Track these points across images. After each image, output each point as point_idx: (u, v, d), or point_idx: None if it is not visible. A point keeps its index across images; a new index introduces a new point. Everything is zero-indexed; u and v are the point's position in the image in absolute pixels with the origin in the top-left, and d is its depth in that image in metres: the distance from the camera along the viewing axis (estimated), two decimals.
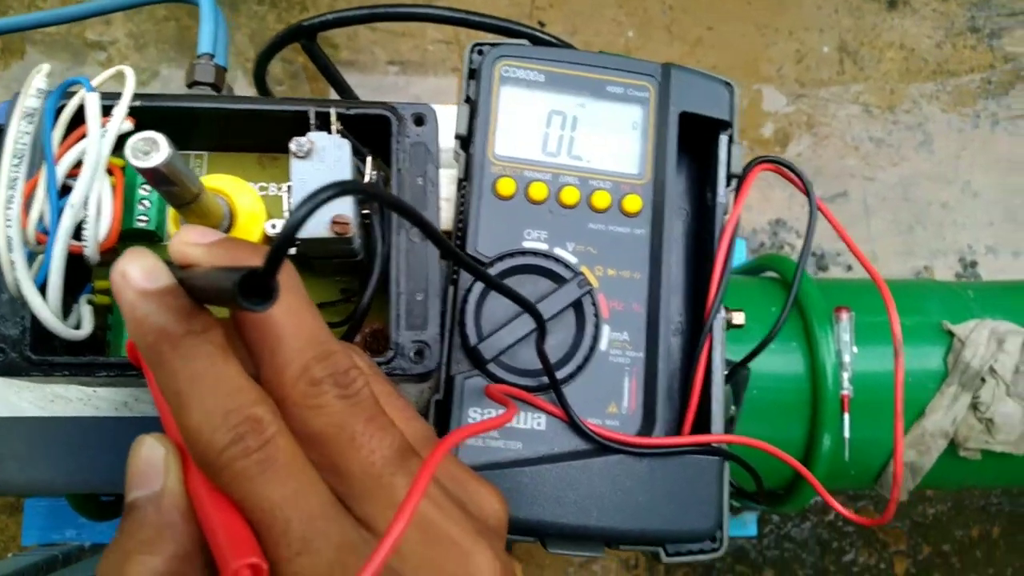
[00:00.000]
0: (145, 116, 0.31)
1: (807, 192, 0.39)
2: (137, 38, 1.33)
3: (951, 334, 0.74)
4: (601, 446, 0.33)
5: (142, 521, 0.21)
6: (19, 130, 0.26)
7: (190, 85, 0.48)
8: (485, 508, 0.25)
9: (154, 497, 0.22)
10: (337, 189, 0.17)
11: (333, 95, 0.75)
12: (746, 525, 0.88)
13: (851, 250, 0.40)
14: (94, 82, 0.28)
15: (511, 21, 0.55)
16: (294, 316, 0.22)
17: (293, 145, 0.29)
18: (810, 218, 0.39)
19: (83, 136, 0.29)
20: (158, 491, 0.22)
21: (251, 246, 0.23)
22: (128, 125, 0.29)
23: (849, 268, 1.30)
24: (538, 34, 0.54)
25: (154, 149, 0.23)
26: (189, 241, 0.22)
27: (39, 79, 0.27)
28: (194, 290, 0.21)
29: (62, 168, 0.28)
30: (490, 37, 0.42)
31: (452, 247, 0.24)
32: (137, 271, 0.21)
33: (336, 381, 0.22)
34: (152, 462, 0.22)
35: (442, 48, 1.33)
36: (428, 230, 0.23)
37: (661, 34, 1.36)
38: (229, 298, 0.17)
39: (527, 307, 0.29)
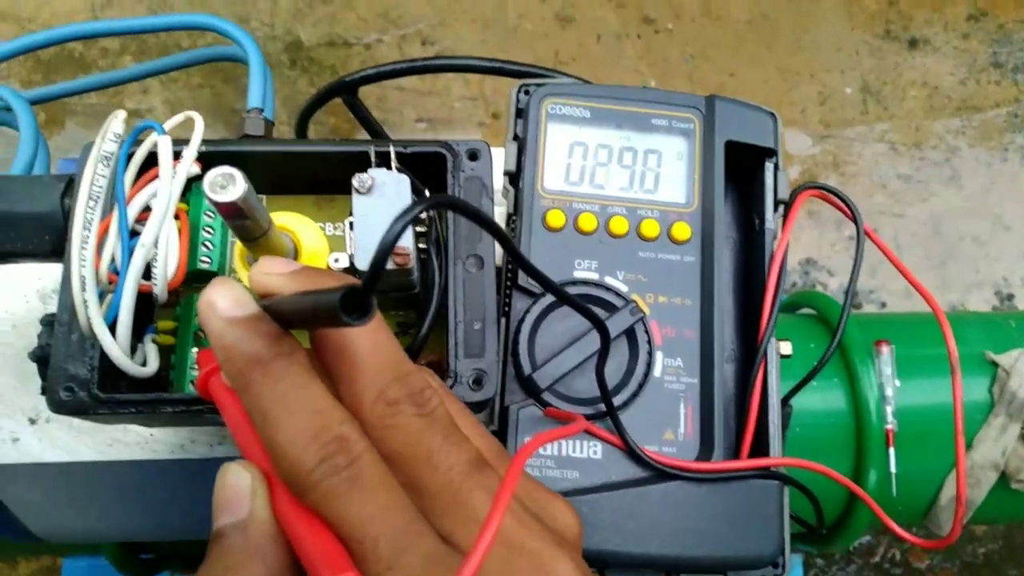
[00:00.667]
0: (209, 160, 0.32)
1: (854, 218, 0.39)
2: (173, 105, 1.37)
3: (995, 364, 0.73)
4: (660, 472, 0.33)
5: (230, 548, 0.22)
6: (96, 173, 0.27)
7: (241, 139, 0.49)
8: (560, 520, 0.25)
9: (240, 524, 0.22)
10: (431, 202, 0.18)
11: None
12: (792, 569, 0.86)
13: (900, 271, 0.40)
14: (165, 126, 0.29)
15: (546, 68, 0.56)
16: (371, 338, 0.23)
17: (355, 181, 0.29)
18: (858, 242, 0.39)
19: (151, 180, 0.30)
20: (244, 518, 0.22)
21: (327, 273, 0.24)
22: (195, 169, 0.30)
23: (883, 305, 1.29)
24: (572, 80, 0.55)
25: (231, 184, 0.24)
26: (270, 271, 0.23)
27: (116, 124, 0.28)
28: (278, 316, 0.22)
29: (132, 211, 0.29)
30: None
31: (532, 265, 0.25)
32: (225, 300, 0.22)
33: (412, 401, 0.22)
34: (238, 489, 0.22)
35: (468, 104, 1.36)
36: (512, 251, 0.23)
37: (682, 82, 1.38)
38: (328, 316, 0.18)
39: (595, 322, 0.29)
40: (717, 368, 0.34)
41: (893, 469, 0.66)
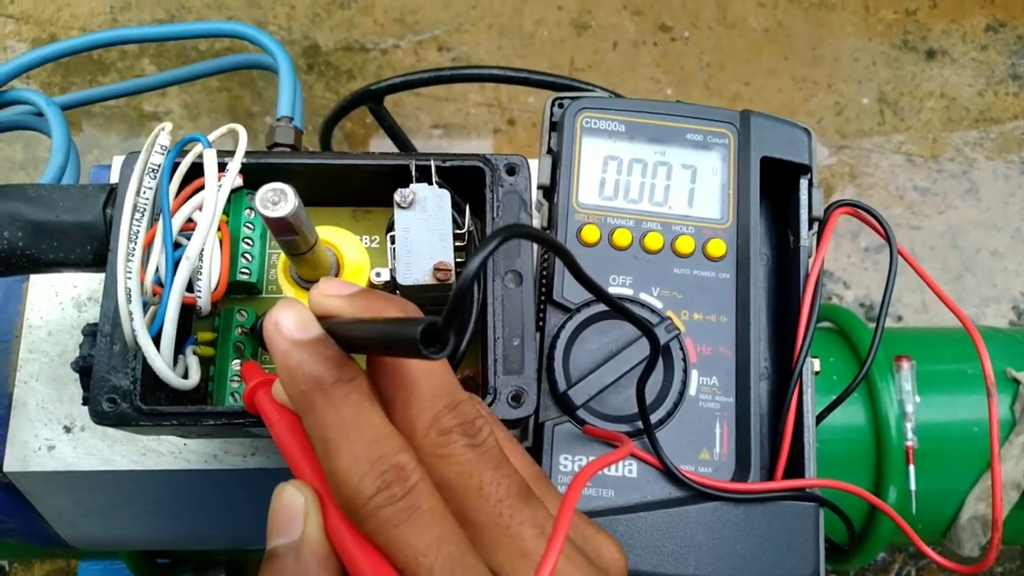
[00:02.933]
0: (250, 172, 0.32)
1: (888, 237, 0.39)
2: (191, 108, 1.38)
3: (1016, 381, 0.72)
4: (697, 493, 0.33)
5: (282, 570, 0.22)
6: (142, 185, 0.27)
7: (271, 147, 0.49)
8: (604, 556, 0.25)
9: (293, 546, 0.22)
10: (507, 234, 0.18)
11: None
12: None
13: (935, 292, 0.40)
14: (210, 138, 0.29)
15: (572, 79, 0.57)
16: (427, 365, 0.23)
17: (397, 196, 0.29)
18: (891, 265, 0.39)
19: (194, 192, 0.30)
20: (297, 540, 0.22)
21: (385, 297, 0.24)
22: (239, 181, 0.30)
23: (899, 319, 1.28)
24: (588, 87, 0.55)
25: (283, 199, 0.24)
26: (330, 293, 0.23)
27: (163, 136, 0.28)
28: (341, 339, 0.22)
29: (176, 222, 0.29)
30: (534, 100, 0.43)
31: (607, 295, 0.25)
32: (290, 321, 0.22)
33: (465, 431, 0.22)
34: (292, 509, 0.22)
35: (483, 111, 1.37)
36: (587, 282, 0.24)
37: (699, 91, 1.38)
38: (406, 347, 0.18)
39: (646, 331, 0.29)
40: (753, 387, 0.34)
41: (913, 487, 0.66)
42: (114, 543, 0.44)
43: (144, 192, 0.28)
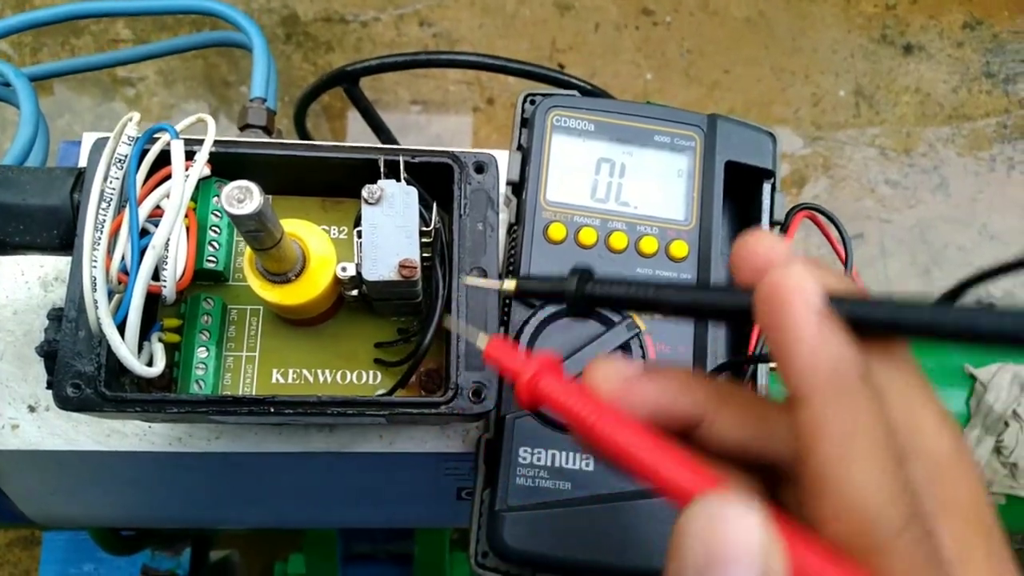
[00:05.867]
0: (219, 161, 0.32)
1: (844, 259, 0.39)
2: (166, 75, 1.36)
3: (973, 377, 0.74)
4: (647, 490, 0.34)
5: None
6: (109, 175, 0.28)
7: (242, 128, 0.49)
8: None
9: None
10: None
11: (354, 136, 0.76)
12: None
13: None
14: (177, 128, 0.29)
15: (542, 66, 0.57)
16: None
17: (365, 192, 0.30)
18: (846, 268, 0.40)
19: (161, 180, 0.30)
20: None
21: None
22: (206, 171, 0.30)
23: None
24: (566, 78, 0.56)
25: (248, 197, 0.24)
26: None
27: (131, 127, 0.28)
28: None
29: (143, 211, 0.29)
30: (514, 81, 0.44)
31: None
32: (817, 291, 0.18)
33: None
34: (739, 543, 0.16)
35: (463, 88, 1.36)
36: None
37: (679, 77, 1.38)
38: None
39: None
40: None
41: None
42: (78, 522, 0.44)
43: (111, 182, 0.28)
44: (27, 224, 0.32)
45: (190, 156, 0.30)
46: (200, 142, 0.31)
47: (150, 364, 0.30)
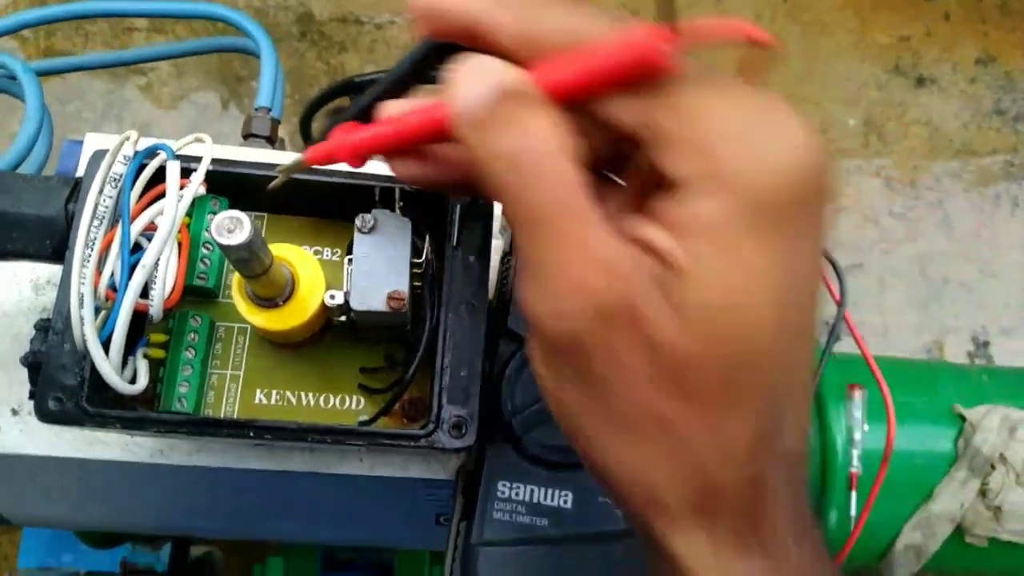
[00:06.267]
0: (214, 179, 0.33)
1: (839, 301, 0.39)
2: (179, 66, 1.36)
3: (962, 418, 0.74)
4: (625, 531, 0.34)
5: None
6: (104, 194, 0.28)
7: (246, 136, 0.49)
8: None
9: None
10: None
11: None
12: None
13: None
14: (174, 147, 0.29)
15: None
16: None
17: (358, 221, 0.30)
18: (834, 324, 0.40)
19: (157, 197, 0.30)
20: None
21: None
22: (201, 190, 0.30)
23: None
24: None
25: (238, 228, 0.24)
26: None
27: (128, 147, 0.28)
28: None
29: (136, 227, 0.29)
30: None
31: None
32: None
33: None
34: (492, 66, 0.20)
35: None
36: None
37: None
38: None
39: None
40: None
41: (853, 512, 0.67)
42: (58, 525, 0.44)
43: (104, 201, 0.28)
44: (20, 232, 0.32)
45: (187, 174, 0.30)
46: (198, 159, 0.31)
47: (133, 381, 0.30)
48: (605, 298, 0.19)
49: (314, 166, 0.26)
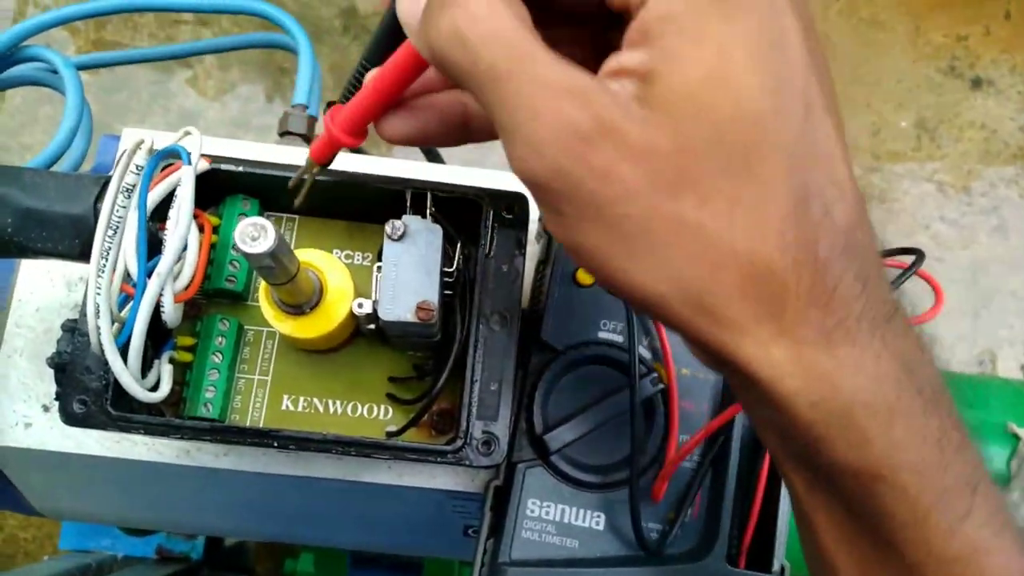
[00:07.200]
0: (248, 181, 0.32)
1: None
2: (222, 58, 1.37)
3: (1017, 437, 0.71)
4: (660, 558, 0.32)
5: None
6: (117, 204, 0.27)
7: (282, 134, 0.49)
8: None
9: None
10: None
11: None
12: None
13: None
14: (168, 142, 0.29)
15: None
16: None
17: (388, 228, 0.29)
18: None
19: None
20: None
21: None
22: (204, 165, 0.29)
23: None
24: None
25: (262, 235, 0.24)
26: None
27: (140, 156, 0.28)
28: None
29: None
30: None
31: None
32: None
33: None
34: None
35: None
36: None
37: None
38: None
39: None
40: (733, 451, 0.34)
41: None
42: (86, 519, 0.44)
43: (118, 211, 0.27)
44: (50, 231, 0.31)
45: (220, 175, 0.29)
46: (229, 159, 0.31)
47: (156, 387, 0.29)
48: (579, 122, 0.19)
49: (326, 163, 0.26)
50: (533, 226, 0.37)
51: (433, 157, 0.54)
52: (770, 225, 0.19)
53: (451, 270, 0.30)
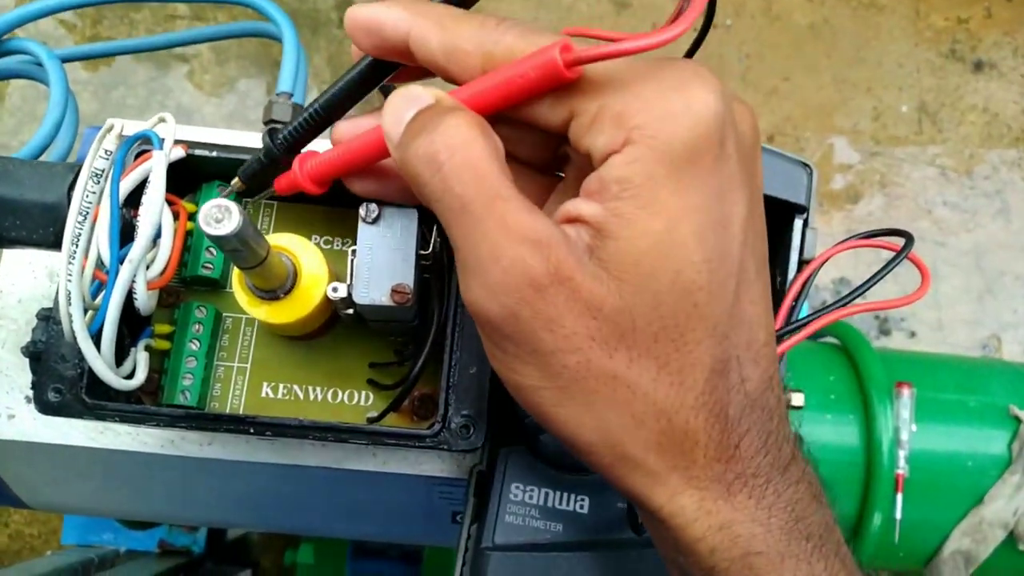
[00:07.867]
0: (225, 167, 0.32)
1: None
2: (219, 52, 1.36)
3: (1018, 420, 0.71)
4: (643, 540, 0.32)
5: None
6: (87, 189, 0.27)
7: (267, 123, 0.48)
8: None
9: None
10: None
11: None
12: None
13: None
14: (141, 127, 0.28)
15: None
16: None
17: (362, 210, 0.28)
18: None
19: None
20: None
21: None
22: (180, 152, 0.29)
23: (912, 335, 1.26)
24: None
25: (227, 217, 0.23)
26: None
27: (109, 140, 0.27)
28: None
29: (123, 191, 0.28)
30: None
31: None
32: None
33: None
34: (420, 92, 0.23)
35: None
36: None
37: (735, 83, 1.34)
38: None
39: None
40: None
41: (899, 515, 0.64)
42: (74, 510, 0.44)
43: (88, 197, 0.27)
44: (24, 219, 0.31)
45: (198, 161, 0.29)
46: (205, 144, 0.30)
47: (131, 375, 0.29)
48: (534, 270, 0.21)
49: (284, 197, 0.29)
50: None
51: None
52: (691, 388, 0.22)
53: (427, 252, 0.30)
